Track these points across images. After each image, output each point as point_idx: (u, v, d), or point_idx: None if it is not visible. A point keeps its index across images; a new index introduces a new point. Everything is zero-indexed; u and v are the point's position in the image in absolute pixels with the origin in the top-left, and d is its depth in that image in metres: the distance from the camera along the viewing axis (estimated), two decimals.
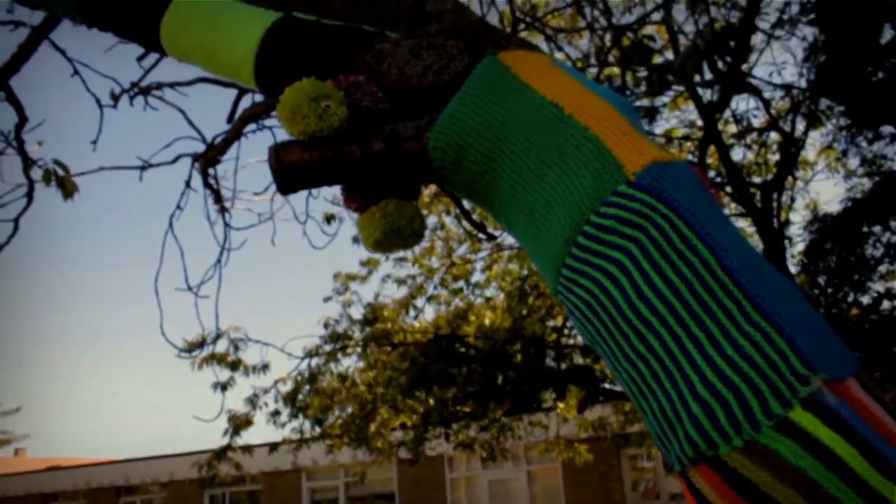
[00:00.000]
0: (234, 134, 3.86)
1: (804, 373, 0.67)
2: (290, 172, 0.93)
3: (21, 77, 3.15)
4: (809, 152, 10.17)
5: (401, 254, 9.66)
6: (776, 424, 0.66)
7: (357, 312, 9.41)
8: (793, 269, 7.47)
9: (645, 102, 6.63)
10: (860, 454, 0.65)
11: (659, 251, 0.75)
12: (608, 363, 0.81)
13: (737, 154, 9.40)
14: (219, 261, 4.51)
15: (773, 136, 8.99)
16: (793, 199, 9.37)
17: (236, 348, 8.07)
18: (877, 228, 6.53)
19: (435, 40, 1.06)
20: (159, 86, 3.33)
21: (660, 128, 9.15)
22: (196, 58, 1.20)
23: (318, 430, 9.77)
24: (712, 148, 7.83)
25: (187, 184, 3.89)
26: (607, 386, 8.77)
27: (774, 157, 8.98)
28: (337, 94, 0.92)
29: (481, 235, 8.08)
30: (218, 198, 4.56)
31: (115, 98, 3.18)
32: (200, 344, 6.88)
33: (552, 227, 0.84)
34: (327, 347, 8.84)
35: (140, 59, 2.93)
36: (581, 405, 8.33)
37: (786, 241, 8.32)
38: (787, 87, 7.27)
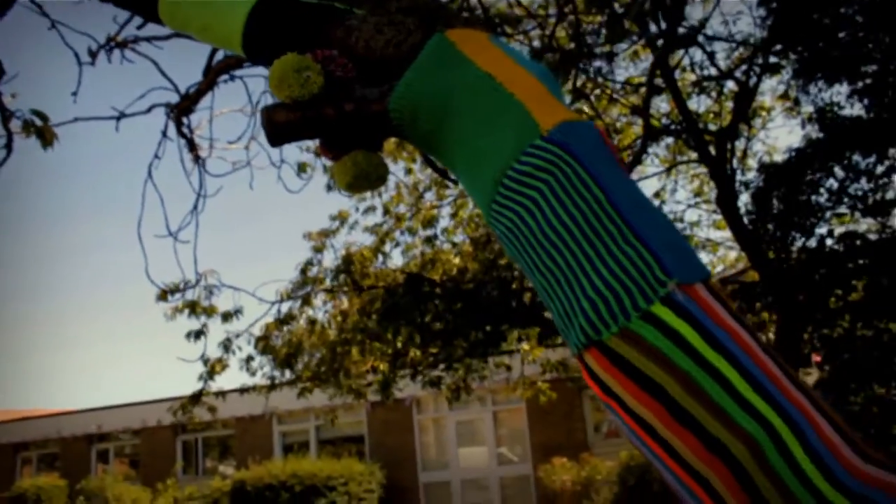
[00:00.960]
0: (208, 84, 4.02)
1: (663, 278, 0.92)
2: (279, 129, 1.16)
3: None
4: (768, 99, 10.45)
5: (369, 202, 9.87)
6: (642, 315, 0.91)
7: (329, 260, 9.61)
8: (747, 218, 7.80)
9: (604, 49, 6.84)
10: (700, 337, 0.90)
11: (563, 189, 0.99)
12: (527, 274, 1.06)
13: (697, 102, 9.67)
14: (195, 207, 4.69)
15: (731, 84, 9.24)
16: (747, 146, 9.68)
17: (210, 294, 8.22)
18: (821, 175, 6.84)
19: (395, 17, 1.27)
20: (136, 39, 3.46)
21: (620, 76, 9.38)
22: (191, 30, 1.40)
23: (288, 374, 10.02)
24: (669, 97, 8.07)
25: (164, 133, 4.04)
26: None
27: (731, 105, 9.25)
28: (315, 66, 1.14)
29: (448, 181, 8.30)
30: (192, 146, 4.72)
31: (93, 55, 3.30)
32: (176, 290, 7.03)
33: (485, 172, 1.08)
34: (300, 293, 9.03)
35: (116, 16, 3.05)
36: (540, 338, 8.67)
37: (743, 187, 8.64)
38: (732, 41, 7.50)
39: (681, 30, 6.48)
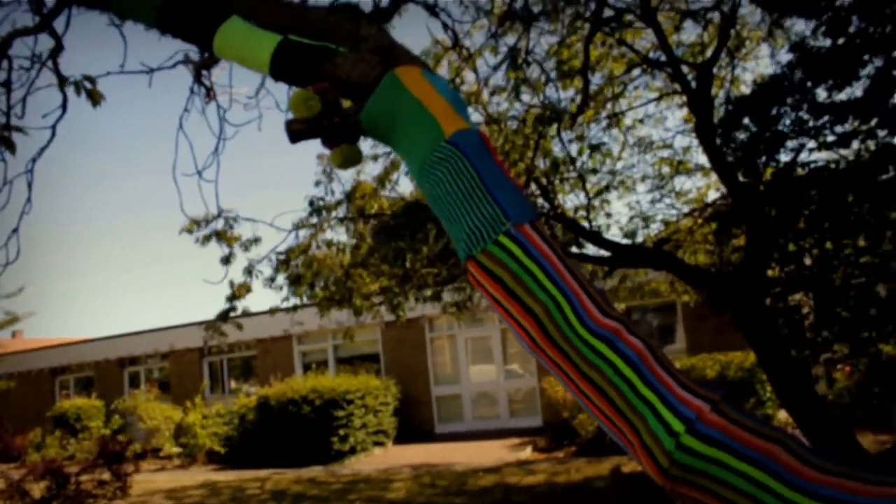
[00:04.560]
0: None
1: (505, 221, 1.70)
2: (295, 134, 1.92)
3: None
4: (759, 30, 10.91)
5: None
6: (493, 242, 1.69)
7: (338, 190, 10.34)
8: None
9: None
10: (523, 252, 1.68)
11: (454, 171, 1.76)
12: (440, 219, 1.83)
13: (687, 34, 10.19)
14: (216, 149, 5.46)
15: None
16: (733, 77, 10.22)
17: (230, 226, 9.04)
18: (785, 108, 7.45)
19: (365, 56, 2.02)
20: None
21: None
22: (236, 61, 2.15)
23: (307, 297, 10.87)
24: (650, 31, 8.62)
25: (191, 90, 4.77)
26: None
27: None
28: (315, 95, 1.89)
29: None
30: (209, 92, 5.45)
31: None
32: (204, 222, 7.87)
33: (415, 159, 1.85)
34: (313, 220, 9.79)
35: None
36: None
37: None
38: None
39: None
